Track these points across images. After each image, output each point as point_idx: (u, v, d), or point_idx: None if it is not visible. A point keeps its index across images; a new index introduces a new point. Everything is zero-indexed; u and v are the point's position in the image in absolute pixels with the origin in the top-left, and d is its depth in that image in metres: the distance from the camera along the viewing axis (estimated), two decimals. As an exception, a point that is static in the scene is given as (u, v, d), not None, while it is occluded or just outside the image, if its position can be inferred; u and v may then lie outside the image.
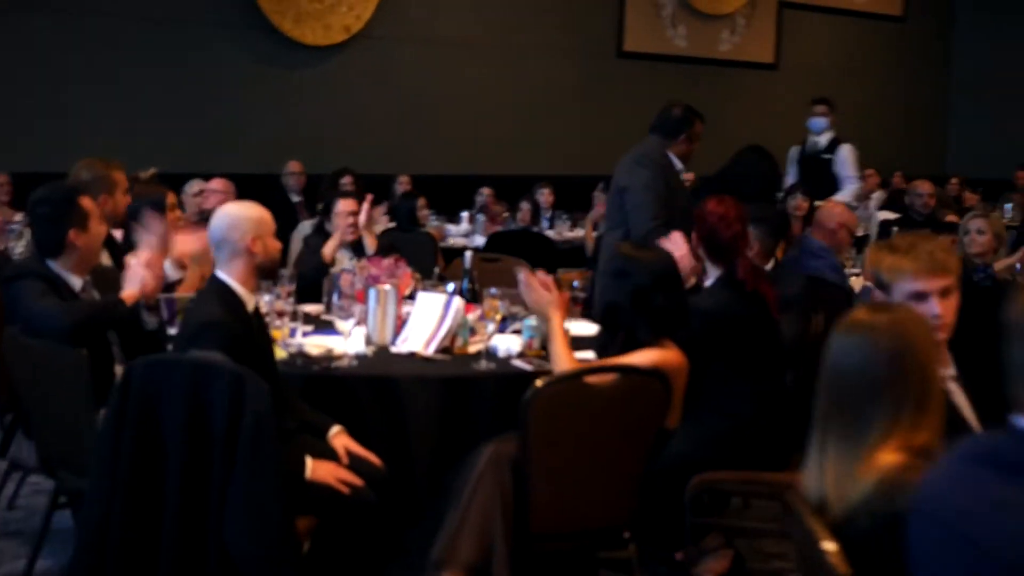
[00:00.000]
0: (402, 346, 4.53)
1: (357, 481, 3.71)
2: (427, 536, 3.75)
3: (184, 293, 4.36)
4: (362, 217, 5.89)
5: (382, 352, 4.49)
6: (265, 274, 3.91)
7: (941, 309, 2.95)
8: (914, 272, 2.93)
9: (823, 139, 9.17)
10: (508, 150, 11.69)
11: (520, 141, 11.79)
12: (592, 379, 3.55)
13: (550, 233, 9.32)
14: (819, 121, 9.30)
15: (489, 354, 4.36)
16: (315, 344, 4.44)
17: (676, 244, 4.68)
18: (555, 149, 12.03)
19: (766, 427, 4.25)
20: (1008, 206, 11.71)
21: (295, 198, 9.44)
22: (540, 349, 4.47)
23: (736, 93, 13.79)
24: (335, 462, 3.77)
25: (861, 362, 2.29)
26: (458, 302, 4.53)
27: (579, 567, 3.83)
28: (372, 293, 4.61)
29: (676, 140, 5.91)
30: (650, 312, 3.73)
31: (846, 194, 8.72)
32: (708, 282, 4.44)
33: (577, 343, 4.11)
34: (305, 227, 7.90)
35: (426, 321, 4.55)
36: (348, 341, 4.37)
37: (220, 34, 10.18)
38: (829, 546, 2.17)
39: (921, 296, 2.94)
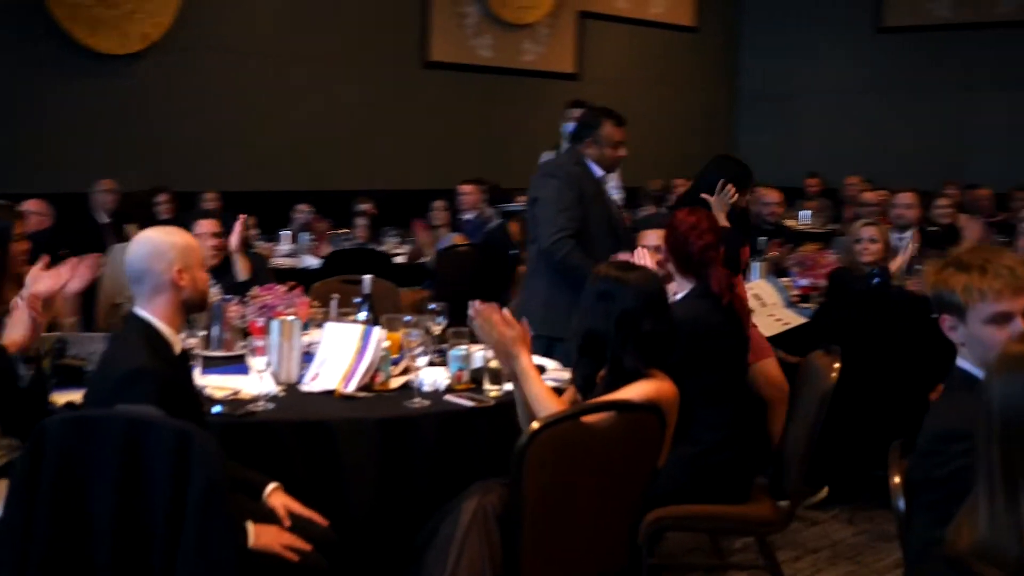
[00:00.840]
0: (313, 384, 4.04)
1: (305, 546, 3.23)
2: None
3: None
4: (234, 239, 5.33)
5: (294, 392, 3.99)
6: (192, 309, 3.37)
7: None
8: (996, 292, 2.62)
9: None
10: (322, 164, 11.14)
11: (334, 155, 11.27)
12: (588, 419, 3.16)
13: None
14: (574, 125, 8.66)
15: (418, 390, 3.92)
16: (216, 386, 3.91)
17: (640, 260, 4.29)
18: (369, 162, 11.57)
19: (732, 455, 3.95)
20: (805, 213, 11.88)
21: (104, 219, 8.67)
22: (470, 382, 4.07)
23: (540, 103, 13.61)
24: (277, 525, 3.27)
25: None
26: (379, 332, 4.07)
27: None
28: (275, 326, 4.11)
29: (583, 144, 5.46)
30: (638, 339, 3.36)
31: None
32: (678, 296, 4.11)
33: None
34: (117, 251, 7.20)
35: (340, 355, 4.08)
36: (256, 381, 3.86)
37: (8, 42, 9.31)
38: None
39: (1005, 318, 2.63)
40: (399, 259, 8.59)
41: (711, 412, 3.92)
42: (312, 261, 8.34)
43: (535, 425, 3.06)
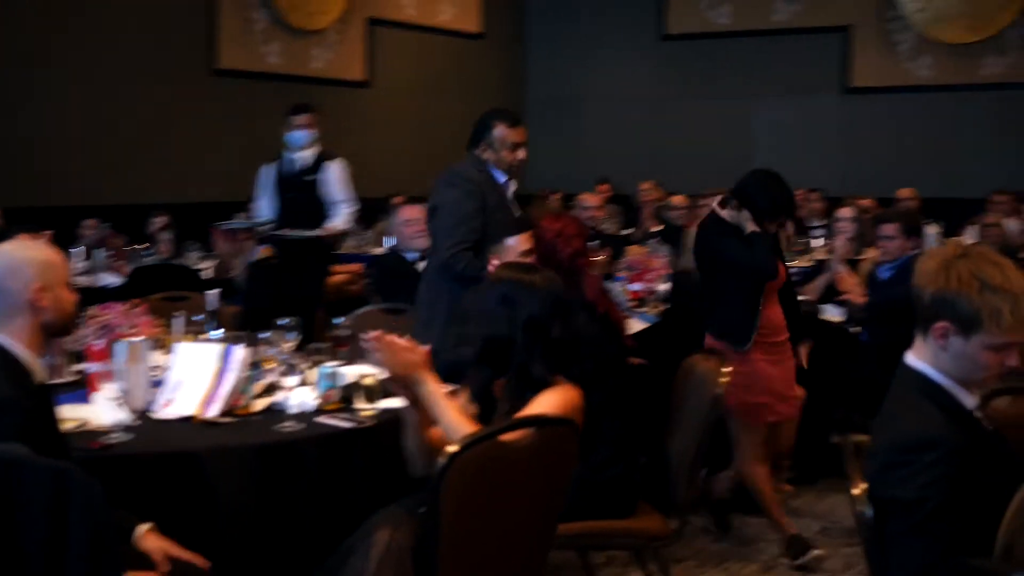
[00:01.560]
0: (168, 410, 3.68)
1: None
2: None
3: None
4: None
5: (149, 420, 3.62)
6: (56, 333, 2.99)
7: (1016, 361, 2.56)
8: (1020, 326, 2.49)
9: (307, 156, 7.73)
10: (111, 177, 10.54)
11: (123, 167, 10.68)
12: (506, 437, 2.91)
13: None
14: (301, 134, 7.72)
15: (285, 413, 3.61)
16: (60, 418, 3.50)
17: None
18: (163, 174, 11.02)
19: (621, 470, 3.78)
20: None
21: None
22: (340, 401, 3.78)
23: (331, 111, 13.28)
24: (154, 572, 2.93)
25: None
26: (240, 353, 3.74)
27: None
28: (121, 348, 3.72)
29: (479, 149, 5.15)
30: (546, 345, 3.13)
31: (339, 220, 7.72)
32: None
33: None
34: None
35: (196, 377, 3.73)
36: (103, 410, 3.49)
37: None
38: None
39: (1009, 347, 2.52)
40: (205, 274, 8.16)
41: (600, 427, 3.72)
42: (112, 279, 7.84)
43: (452, 448, 2.81)
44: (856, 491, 2.52)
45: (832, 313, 6.30)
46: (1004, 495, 2.44)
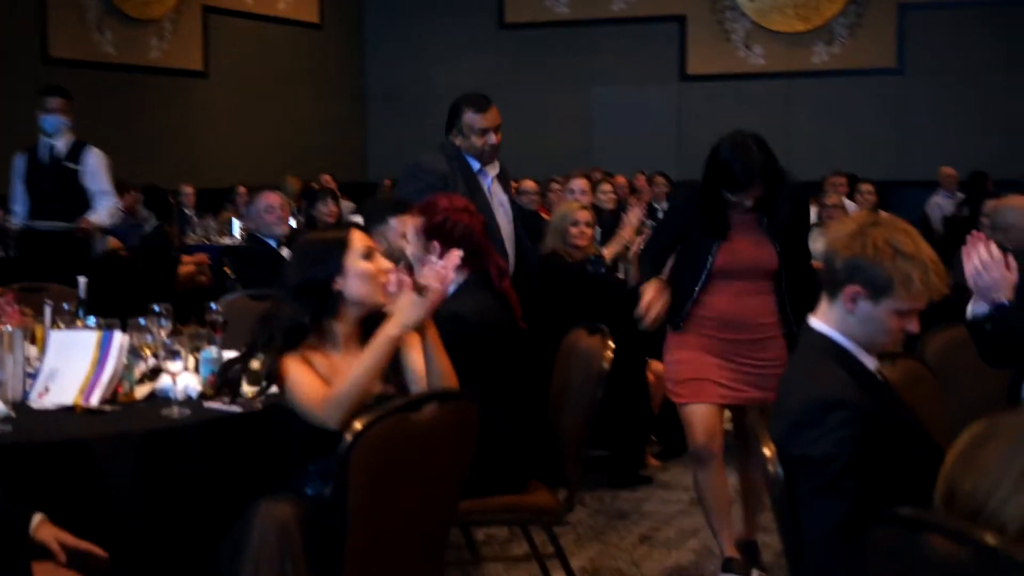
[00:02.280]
0: (45, 400, 3.56)
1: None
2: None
3: None
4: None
5: (26, 410, 3.49)
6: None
7: (916, 327, 2.66)
8: (928, 292, 2.58)
9: (62, 143, 7.30)
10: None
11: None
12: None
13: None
14: (53, 119, 7.24)
15: (169, 399, 3.53)
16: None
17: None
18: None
19: (513, 447, 3.79)
20: None
21: None
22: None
23: (169, 101, 13.05)
24: (51, 562, 2.83)
25: None
26: (121, 339, 3.63)
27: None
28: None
29: (452, 135, 5.09)
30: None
31: (103, 213, 7.32)
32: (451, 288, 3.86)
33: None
34: None
35: (74, 366, 3.61)
36: (-23, 402, 3.36)
37: None
38: None
39: (913, 313, 2.62)
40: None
41: (498, 407, 3.72)
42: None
43: (358, 425, 2.78)
44: (767, 452, 2.58)
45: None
46: (907, 452, 2.54)
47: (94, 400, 3.52)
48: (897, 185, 13.86)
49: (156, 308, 4.06)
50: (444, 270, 3.15)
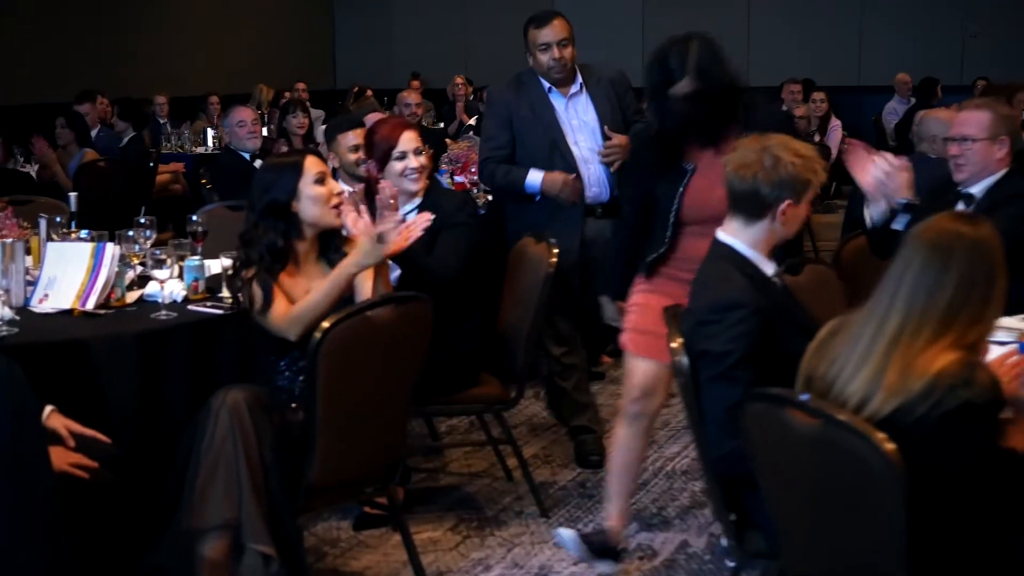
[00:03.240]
0: (44, 305, 3.96)
1: (92, 464, 3.23)
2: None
3: None
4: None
5: (29, 314, 3.89)
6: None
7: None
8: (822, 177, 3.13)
9: None
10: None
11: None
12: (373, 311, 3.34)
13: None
14: None
15: (157, 303, 3.93)
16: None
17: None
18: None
19: (478, 344, 4.27)
20: None
21: None
22: (206, 291, 4.12)
23: (139, 11, 13.26)
24: (62, 447, 3.25)
25: (934, 269, 2.37)
26: (112, 250, 4.02)
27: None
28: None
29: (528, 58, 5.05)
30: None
31: None
32: (408, 207, 4.28)
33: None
34: None
35: (70, 274, 4.01)
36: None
37: None
38: (889, 445, 2.21)
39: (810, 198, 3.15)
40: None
41: (468, 314, 4.20)
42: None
43: (325, 324, 3.23)
44: (674, 344, 3.03)
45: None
46: (798, 346, 2.99)
47: (90, 305, 3.92)
48: (854, 91, 14.27)
49: (142, 220, 4.45)
50: (408, 231, 3.56)
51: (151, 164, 8.91)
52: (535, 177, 4.85)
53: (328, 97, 13.85)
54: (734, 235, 3.14)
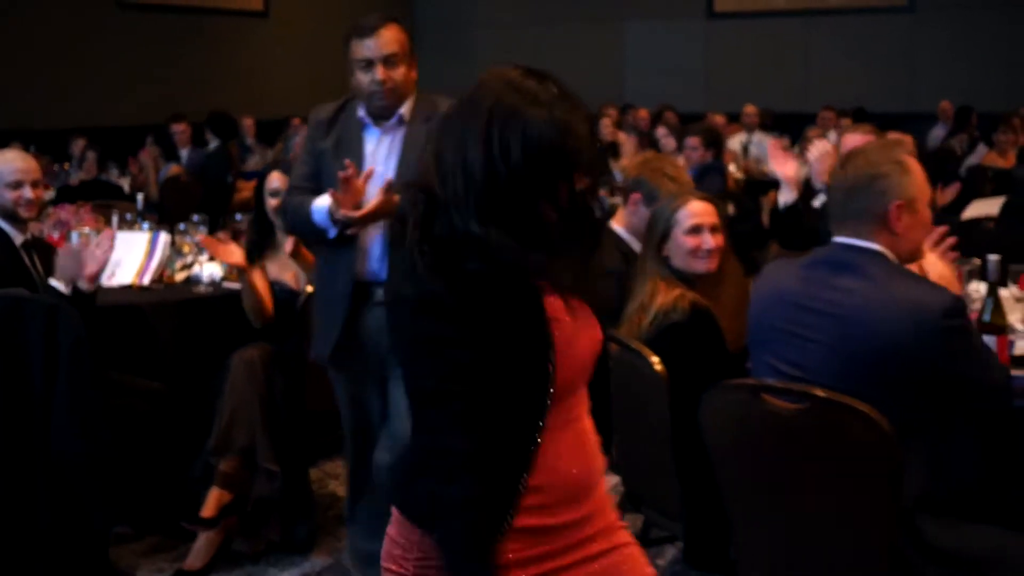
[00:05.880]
0: (112, 281, 4.97)
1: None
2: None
3: None
4: None
5: (99, 286, 4.90)
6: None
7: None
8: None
9: None
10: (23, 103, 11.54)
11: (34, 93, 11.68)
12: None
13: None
14: None
15: (200, 281, 4.92)
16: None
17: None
18: (74, 100, 12.01)
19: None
20: None
21: None
22: (238, 274, 5.09)
23: (230, 42, 14.32)
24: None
25: None
26: (165, 237, 5.03)
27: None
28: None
29: None
30: None
31: None
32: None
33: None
34: None
35: (132, 256, 5.02)
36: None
37: None
38: (655, 358, 3.12)
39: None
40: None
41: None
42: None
43: (309, 288, 4.23)
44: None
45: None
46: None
47: (146, 280, 4.95)
48: (904, 117, 14.90)
49: (195, 217, 5.45)
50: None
51: (229, 179, 9.89)
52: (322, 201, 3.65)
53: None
54: (619, 222, 4.07)
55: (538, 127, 1.87)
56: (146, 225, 5.39)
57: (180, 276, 5.07)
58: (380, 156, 3.71)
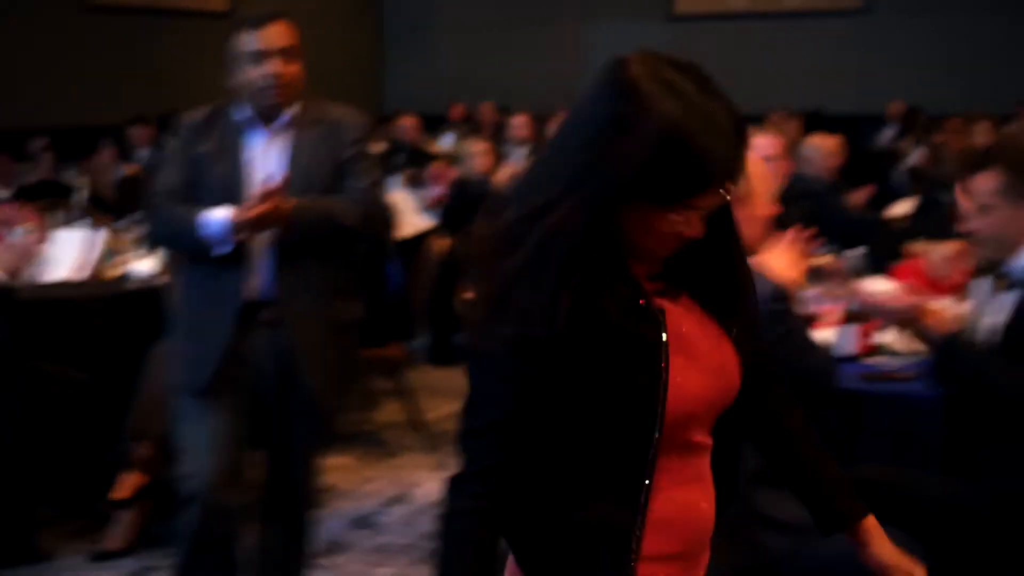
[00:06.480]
0: (49, 276, 5.22)
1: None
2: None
3: None
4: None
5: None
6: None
7: None
8: None
9: None
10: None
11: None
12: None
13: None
14: None
15: (134, 277, 5.18)
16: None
17: None
18: (36, 101, 12.15)
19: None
20: (448, 136, 13.18)
21: None
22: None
23: (193, 42, 14.43)
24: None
25: None
26: (102, 235, 5.30)
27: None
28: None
29: None
30: None
31: None
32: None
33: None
34: None
35: (69, 252, 5.27)
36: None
37: None
38: None
39: None
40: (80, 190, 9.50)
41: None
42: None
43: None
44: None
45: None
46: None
47: (83, 275, 5.19)
48: (858, 119, 15.18)
49: (136, 216, 5.70)
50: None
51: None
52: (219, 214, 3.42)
53: (376, 123, 14.83)
54: None
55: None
56: (86, 222, 5.65)
57: (114, 272, 5.32)
58: (269, 159, 3.51)
